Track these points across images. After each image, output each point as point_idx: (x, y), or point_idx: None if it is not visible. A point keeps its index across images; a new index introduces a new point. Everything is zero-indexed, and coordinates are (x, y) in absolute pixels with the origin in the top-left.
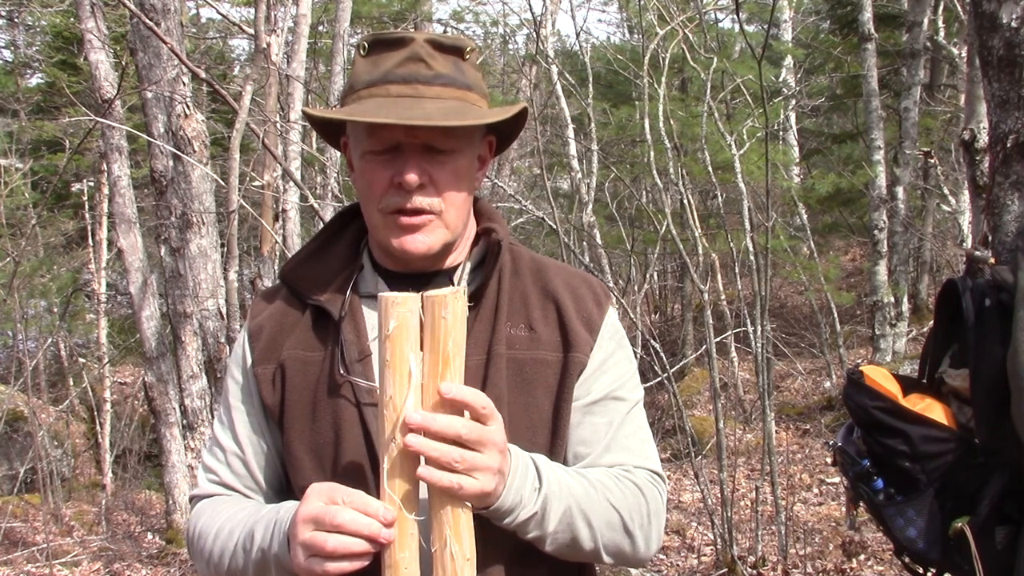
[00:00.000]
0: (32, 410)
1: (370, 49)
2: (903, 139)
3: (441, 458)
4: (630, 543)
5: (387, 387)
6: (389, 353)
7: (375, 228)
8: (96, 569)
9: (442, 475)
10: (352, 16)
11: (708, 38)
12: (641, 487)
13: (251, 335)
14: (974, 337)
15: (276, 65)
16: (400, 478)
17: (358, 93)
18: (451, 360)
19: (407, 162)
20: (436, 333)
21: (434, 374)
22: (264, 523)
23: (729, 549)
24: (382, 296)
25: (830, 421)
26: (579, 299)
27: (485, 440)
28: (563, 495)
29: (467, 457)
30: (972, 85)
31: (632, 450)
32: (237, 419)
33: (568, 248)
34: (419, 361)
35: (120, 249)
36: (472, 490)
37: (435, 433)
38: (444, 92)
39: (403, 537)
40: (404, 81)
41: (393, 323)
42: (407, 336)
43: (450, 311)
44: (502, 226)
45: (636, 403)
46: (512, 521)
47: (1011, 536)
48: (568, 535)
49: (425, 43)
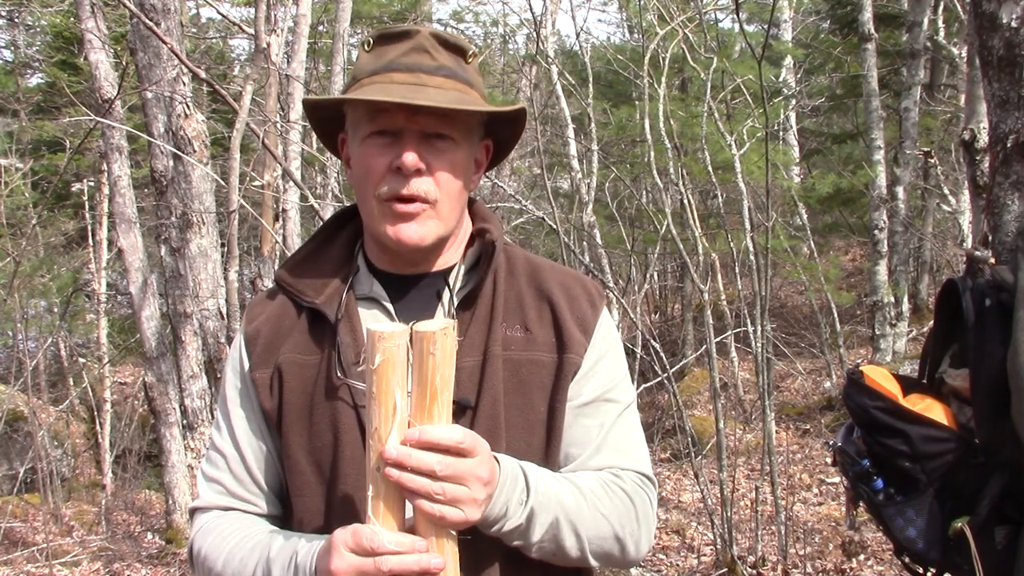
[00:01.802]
0: (32, 410)
1: (375, 43)
2: (903, 139)
3: (419, 490)
4: (620, 549)
5: (373, 419)
6: (375, 387)
7: (370, 216)
8: (96, 569)
9: (424, 504)
10: (352, 16)
11: (708, 38)
12: (630, 493)
13: (247, 340)
14: (974, 337)
15: (276, 65)
16: (385, 506)
17: (360, 82)
18: (438, 395)
19: (406, 145)
20: (424, 369)
21: (420, 408)
22: (281, 564)
23: (729, 549)
24: (369, 329)
25: (830, 421)
26: (573, 300)
27: (460, 475)
28: (551, 507)
29: (447, 490)
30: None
31: (623, 452)
32: (236, 424)
33: (568, 248)
34: (404, 396)
35: (120, 249)
36: (455, 519)
37: (412, 468)
38: (446, 83)
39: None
40: (408, 70)
41: (379, 357)
42: (393, 371)
43: (439, 347)
44: (497, 227)
45: (628, 405)
46: (497, 530)
47: (1011, 536)
48: (553, 545)
49: (430, 36)
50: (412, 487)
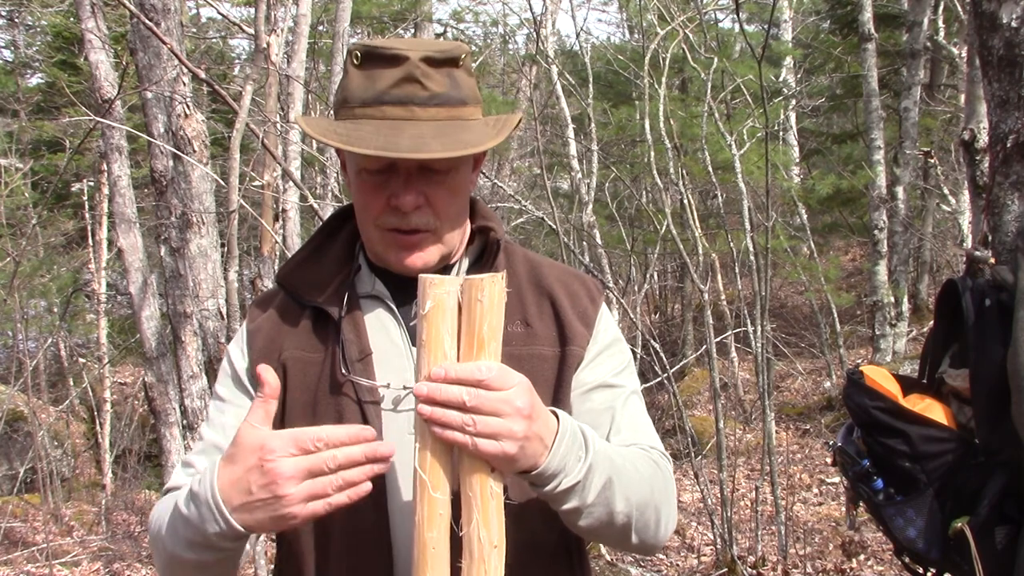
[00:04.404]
0: (32, 410)
1: (363, 61)
2: (903, 139)
3: (451, 422)
4: (655, 520)
5: (422, 366)
6: (424, 333)
7: (371, 241)
8: (96, 569)
9: (457, 435)
10: (352, 16)
11: (708, 38)
12: (661, 466)
13: (249, 336)
14: (974, 337)
15: (276, 65)
16: (432, 457)
17: (353, 111)
18: (486, 343)
19: (402, 184)
20: (472, 316)
21: (468, 356)
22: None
23: (729, 549)
24: (422, 277)
25: (830, 421)
26: (573, 295)
27: (491, 406)
28: (605, 466)
29: (477, 421)
30: (972, 85)
31: (639, 431)
32: (227, 418)
33: (568, 248)
34: (452, 344)
35: (120, 249)
36: (491, 451)
37: (441, 401)
38: (439, 113)
39: (432, 517)
40: (399, 103)
41: (429, 303)
42: (443, 317)
43: (486, 294)
44: (499, 225)
45: (633, 391)
46: (554, 488)
47: (1011, 536)
48: (604, 509)
49: (420, 62)
50: (443, 420)
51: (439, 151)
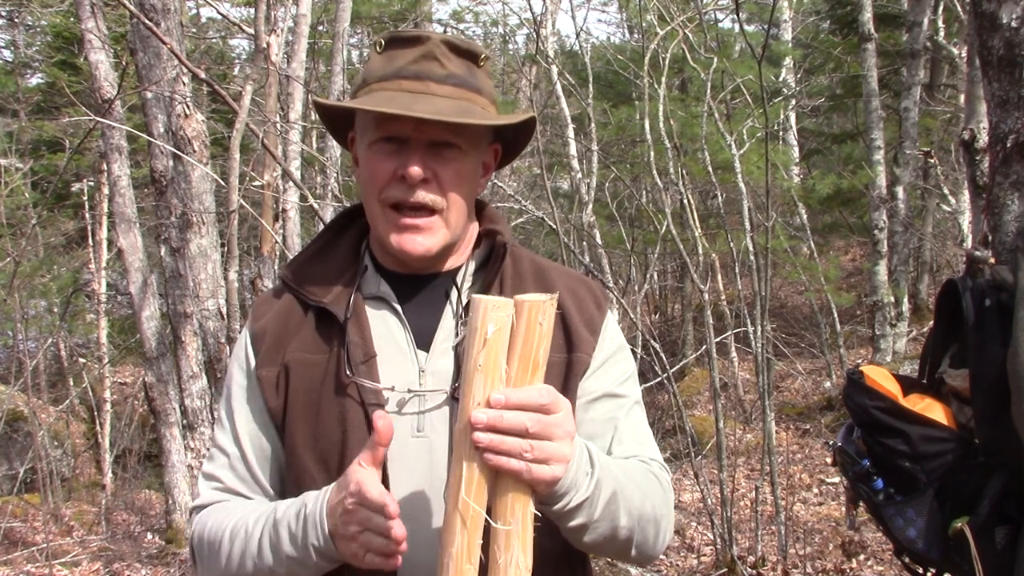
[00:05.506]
0: (32, 410)
1: (386, 46)
2: (903, 139)
3: (512, 450)
4: (654, 533)
5: (475, 391)
6: (484, 357)
7: (374, 220)
8: (96, 569)
9: (514, 463)
10: (352, 16)
11: (708, 38)
12: (660, 479)
13: (254, 337)
14: (974, 337)
15: (276, 65)
16: (477, 486)
17: (370, 86)
18: (540, 367)
19: (412, 155)
20: (530, 338)
21: (523, 380)
22: (287, 521)
23: (729, 549)
24: (479, 299)
25: (830, 421)
26: (580, 301)
27: (549, 431)
28: (609, 481)
29: (536, 446)
30: (972, 85)
31: (640, 443)
32: (240, 422)
33: (568, 248)
34: (505, 367)
35: (120, 249)
36: (545, 476)
37: (504, 429)
38: (455, 92)
39: (472, 548)
40: (416, 77)
41: (492, 327)
42: (503, 342)
43: (547, 318)
44: (507, 229)
45: (636, 401)
46: (565, 506)
47: (1011, 536)
48: (608, 524)
49: (441, 43)
50: (502, 448)
51: (454, 116)
